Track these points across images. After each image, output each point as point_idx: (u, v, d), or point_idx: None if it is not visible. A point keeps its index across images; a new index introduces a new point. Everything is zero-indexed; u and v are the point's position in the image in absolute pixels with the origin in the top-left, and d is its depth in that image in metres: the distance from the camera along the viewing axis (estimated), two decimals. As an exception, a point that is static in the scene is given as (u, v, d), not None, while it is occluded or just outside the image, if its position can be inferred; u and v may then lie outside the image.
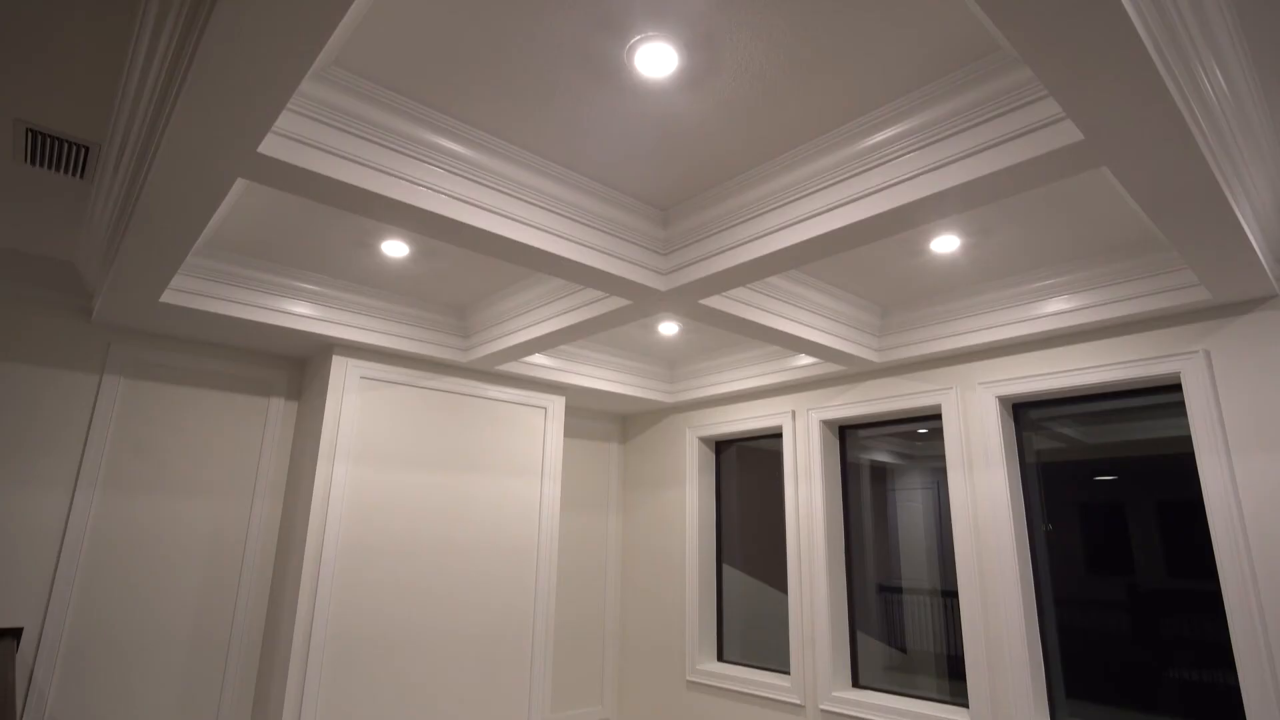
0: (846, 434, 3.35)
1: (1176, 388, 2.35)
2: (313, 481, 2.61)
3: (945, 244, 2.21)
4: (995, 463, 2.61)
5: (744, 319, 2.35)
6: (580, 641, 3.81)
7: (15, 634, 2.24)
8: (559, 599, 3.52)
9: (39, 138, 1.75)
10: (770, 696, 3.12)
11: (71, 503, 2.43)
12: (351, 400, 2.74)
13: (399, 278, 2.58)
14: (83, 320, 2.54)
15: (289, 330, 2.55)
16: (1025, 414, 2.76)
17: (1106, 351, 2.40)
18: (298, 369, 3.01)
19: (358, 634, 2.60)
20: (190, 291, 2.32)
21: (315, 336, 2.63)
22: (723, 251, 1.94)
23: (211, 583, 2.68)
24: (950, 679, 2.86)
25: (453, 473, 2.97)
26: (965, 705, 2.54)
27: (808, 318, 2.56)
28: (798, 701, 3.00)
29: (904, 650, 5.76)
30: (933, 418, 2.96)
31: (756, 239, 1.86)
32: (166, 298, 2.27)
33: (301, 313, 2.55)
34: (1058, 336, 2.50)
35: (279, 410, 2.93)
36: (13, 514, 2.33)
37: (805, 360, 3.15)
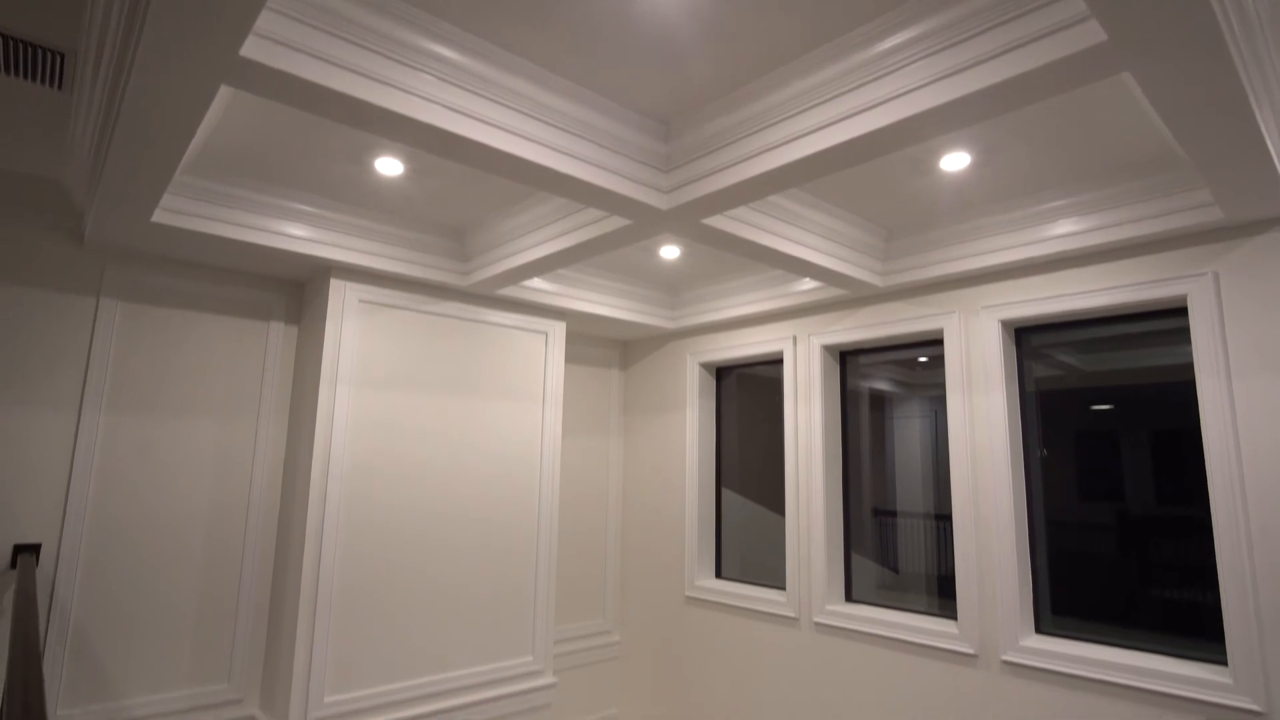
0: (847, 360, 3.36)
1: (1181, 311, 2.33)
2: (316, 405, 2.63)
3: (955, 161, 2.15)
4: (995, 388, 2.62)
5: (747, 240, 2.31)
6: (583, 560, 3.93)
7: (34, 549, 2.30)
8: (561, 519, 3.61)
9: (11, 43, 1.67)
10: (766, 610, 3.24)
11: (78, 424, 2.45)
12: (351, 324, 2.73)
13: (395, 198, 2.53)
14: (75, 243, 2.49)
15: (285, 252, 2.51)
16: (1027, 339, 2.75)
17: (1113, 274, 2.37)
18: (296, 293, 2.98)
19: (367, 551, 2.68)
20: (183, 212, 2.28)
21: (312, 259, 2.59)
22: (727, 167, 1.89)
23: (221, 501, 2.74)
24: (940, 597, 2.96)
25: (455, 397, 2.99)
26: (954, 618, 2.64)
27: (812, 240, 2.52)
28: (792, 615, 3.12)
29: (896, 571, 5.97)
30: (934, 343, 2.95)
31: (762, 153, 1.80)
32: (159, 218, 2.23)
33: (297, 234, 2.50)
34: (1064, 259, 2.47)
35: (279, 334, 2.92)
36: (21, 435, 2.36)
37: (807, 285, 3.12)
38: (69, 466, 2.42)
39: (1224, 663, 2.05)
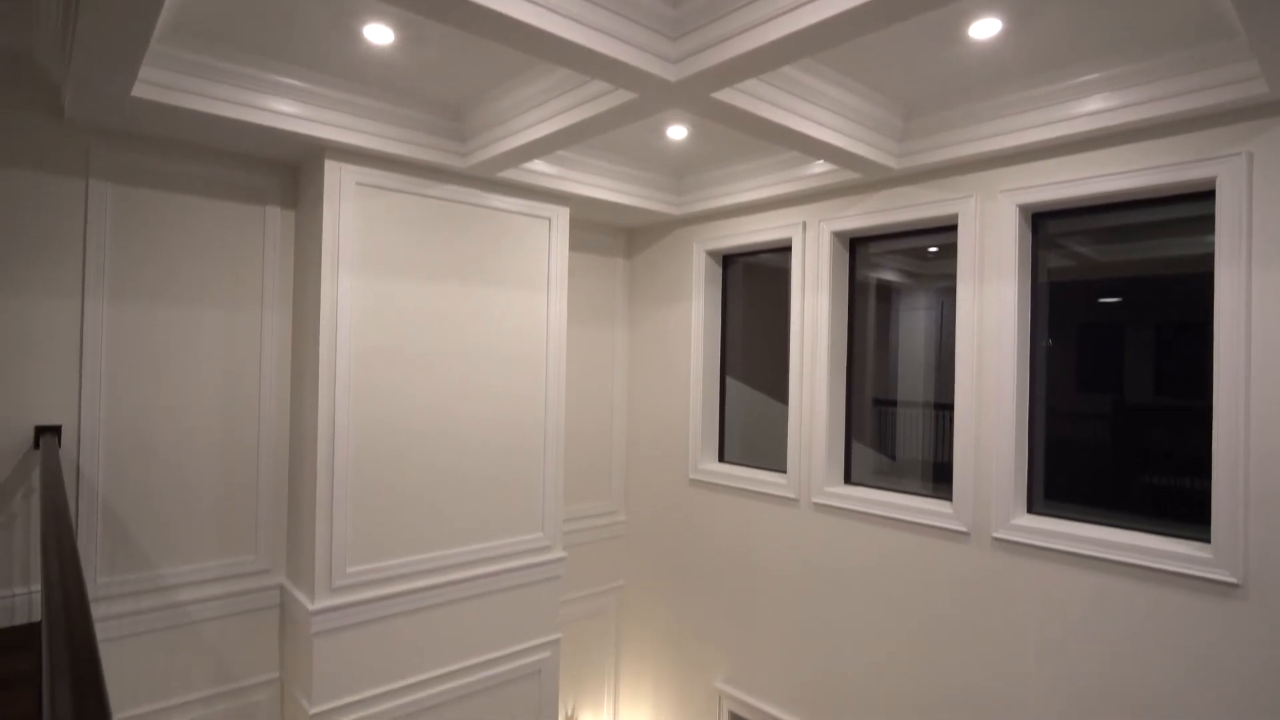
0: (857, 248, 3.29)
1: (1207, 196, 2.24)
2: (319, 292, 2.62)
3: (985, 28, 2.00)
4: (1007, 276, 2.57)
5: (759, 117, 2.19)
6: (590, 444, 4.04)
7: (55, 430, 2.36)
8: (568, 406, 3.67)
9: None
10: (767, 492, 3.36)
11: (82, 310, 2.45)
12: (350, 208, 2.66)
13: (387, 71, 2.39)
14: (55, 120, 2.39)
15: (275, 131, 2.41)
16: (1044, 226, 2.67)
17: (1140, 155, 2.26)
18: (291, 176, 2.89)
19: (378, 434, 2.74)
20: (164, 85, 2.16)
21: (303, 138, 2.49)
22: (740, 33, 1.76)
23: (232, 387, 2.78)
24: (934, 482, 3.05)
25: (459, 284, 2.96)
26: (948, 500, 2.73)
27: (827, 118, 2.40)
28: (792, 496, 3.24)
29: (893, 458, 6.13)
30: (948, 229, 2.87)
31: (779, 16, 1.67)
32: (139, 91, 2.11)
33: (286, 110, 2.39)
34: (1090, 140, 2.35)
35: (276, 220, 2.86)
36: (26, 320, 2.36)
37: (819, 169, 3.00)
38: (78, 352, 2.44)
39: (1207, 540, 2.13)
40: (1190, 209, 2.40)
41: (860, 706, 2.99)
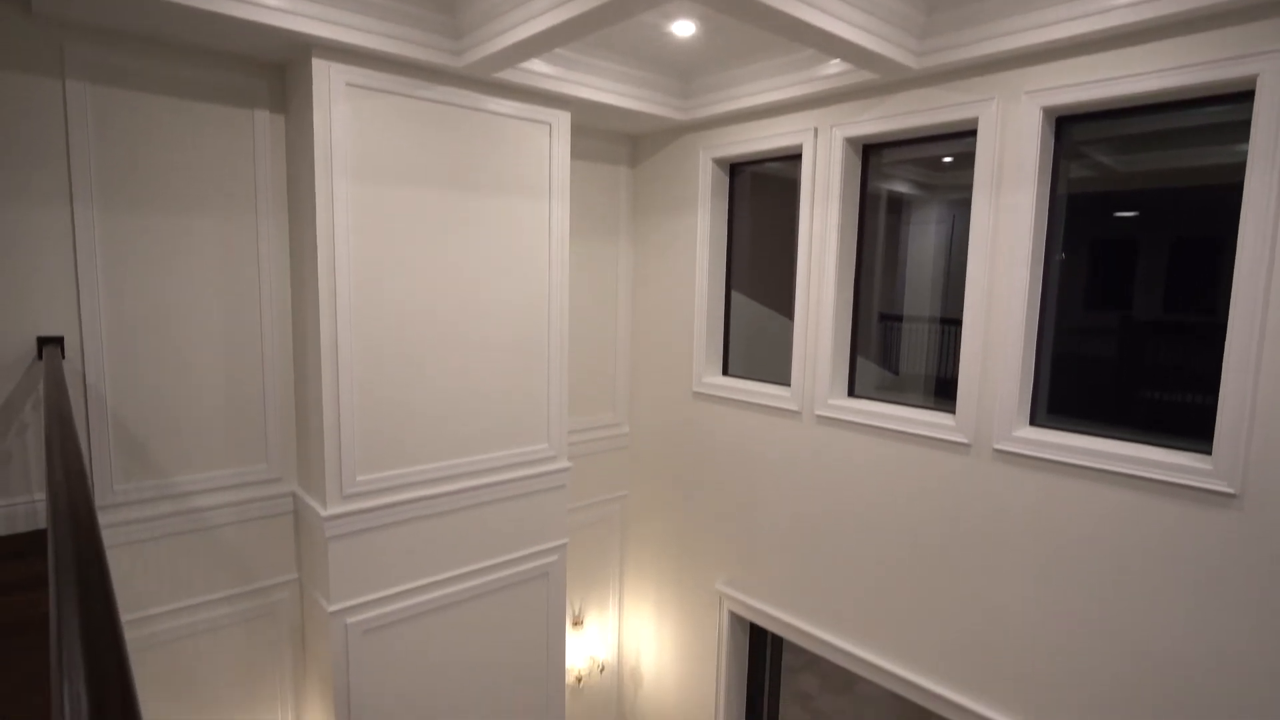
0: (870, 156, 3.16)
1: (1244, 98, 2.11)
2: (314, 200, 2.54)
3: (1023, -94, 1.83)
4: (1025, 186, 2.48)
5: (772, 8, 2.05)
6: (594, 358, 4.04)
7: (57, 341, 2.36)
8: (572, 319, 3.65)
9: None
10: (770, 405, 3.38)
11: (73, 219, 2.39)
12: (341, 111, 2.54)
13: (372, -42, 2.23)
14: (22, 13, 2.25)
15: (257, 25, 2.27)
16: (1068, 132, 2.55)
17: (1175, 52, 2.13)
18: (278, 77, 2.75)
19: (381, 345, 2.74)
20: (135, -26, 2.02)
21: (288, 33, 2.35)
22: (754, -90, 1.61)
23: (232, 295, 2.76)
24: (936, 397, 3.05)
25: (459, 192, 2.87)
26: (951, 412, 2.74)
27: (844, 10, 2.24)
28: (795, 408, 3.26)
29: (896, 373, 6.15)
30: (966, 134, 2.75)
31: (797, -112, 1.52)
32: (108, -20, 1.98)
33: (269, 3, 2.25)
34: (1123, 35, 2.20)
35: (265, 124, 2.75)
36: (15, 230, 2.31)
37: (833, 69, 2.84)
38: (73, 262, 2.40)
39: (1208, 453, 2.14)
40: (1224, 113, 2.28)
41: (858, 611, 3.11)
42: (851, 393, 3.21)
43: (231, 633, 2.89)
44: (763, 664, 3.95)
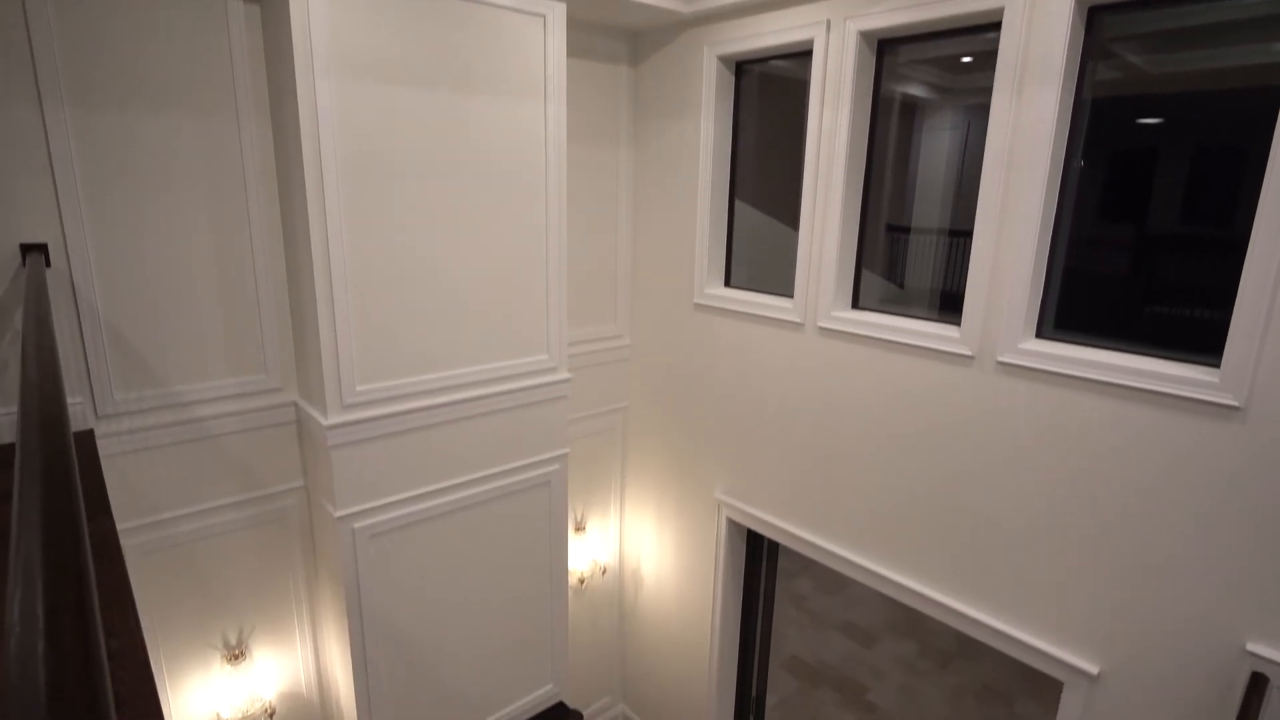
0: (884, 54, 2.97)
1: (1299, -19, 1.94)
2: (296, 100, 2.40)
3: None
4: (1050, 84, 2.33)
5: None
6: (594, 268, 3.97)
7: (41, 249, 2.29)
8: (571, 228, 3.54)
9: None
10: (772, 316, 3.34)
11: (44, 119, 2.27)
12: (318, 0, 2.37)
13: None
14: (-34, -117, 2.05)
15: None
16: (1100, 23, 2.37)
17: (1230, -68, 1.94)
18: (250, -39, 2.55)
19: (374, 254, 2.66)
20: None
21: (257, -91, 2.15)
22: None
23: (218, 200, 2.67)
24: (940, 311, 3.00)
25: (447, 92, 2.72)
26: (956, 325, 2.69)
27: (866, -118, 2.04)
28: (798, 320, 3.22)
29: (902, 286, 6.07)
30: (990, 27, 2.57)
31: None
32: None
33: (232, -128, 2.05)
34: (1176, -90, 2.01)
35: (239, 17, 2.57)
36: (-13, 129, 2.20)
37: (852, -47, 2.62)
38: (48, 164, 2.30)
39: (1216, 366, 2.11)
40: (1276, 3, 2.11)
41: (853, 519, 3.18)
42: (855, 305, 3.15)
43: (242, 536, 2.98)
44: (759, 567, 4.10)
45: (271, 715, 3.17)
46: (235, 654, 3.03)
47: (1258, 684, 2.10)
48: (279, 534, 3.08)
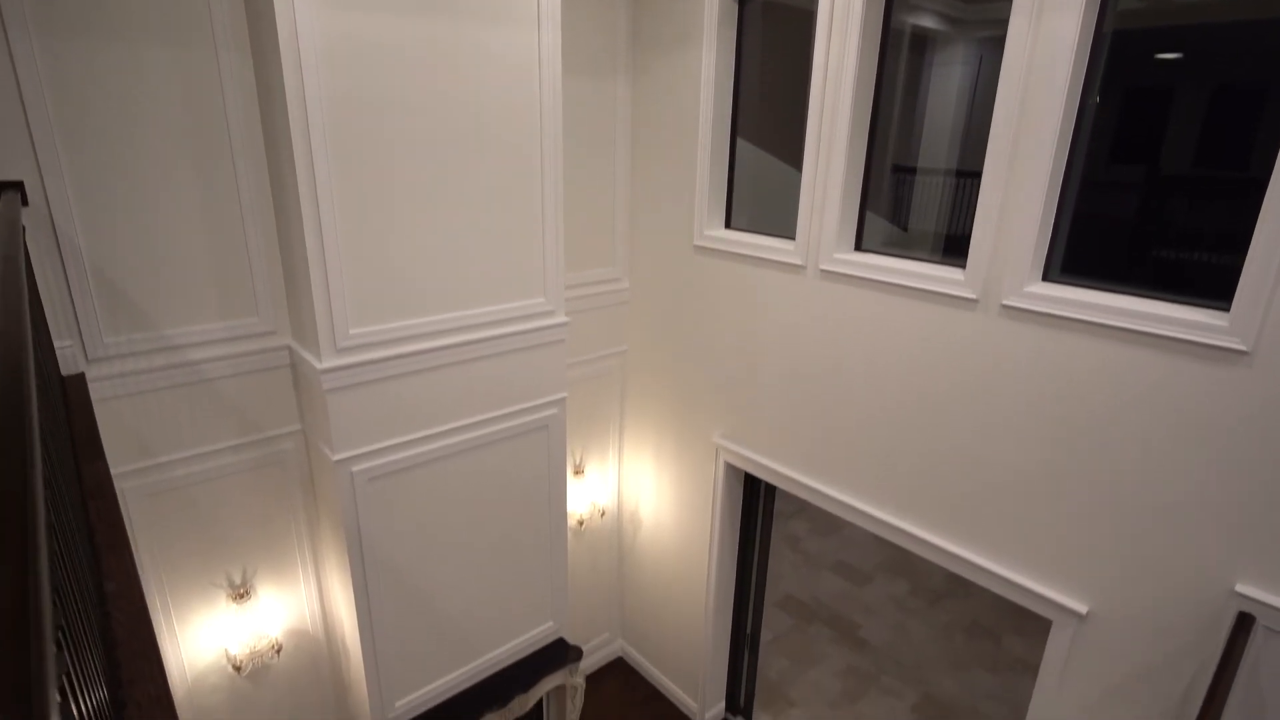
0: (897, -20, 2.81)
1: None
2: (275, 27, 2.28)
3: None
4: (1071, 8, 2.20)
5: None
6: (591, 209, 3.88)
7: (16, 186, 2.21)
8: (568, 167, 3.43)
9: None
10: (773, 259, 3.27)
11: (9, 45, 2.16)
12: (296, -84, 2.22)
13: None
14: None
15: None
16: (1126, -55, 2.23)
17: None
18: (221, -126, 2.38)
19: (364, 197, 2.58)
20: None
21: None
22: None
23: (200, 140, 2.58)
24: (944, 254, 2.92)
25: (436, 17, 2.58)
26: (961, 268, 2.64)
27: None
28: (799, 263, 3.15)
29: (905, 229, 5.95)
30: (1010, -50, 2.41)
31: None
32: None
33: None
34: None
35: (214, -66, 2.42)
36: (-49, 58, 2.09)
37: None
38: (18, 97, 2.20)
39: (1225, 310, 2.07)
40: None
41: (850, 462, 3.19)
42: (858, 247, 3.08)
43: (242, 479, 2.99)
44: (755, 510, 4.15)
45: (278, 652, 3.25)
46: (240, 593, 3.08)
47: (1244, 623, 2.13)
48: (278, 477, 3.09)
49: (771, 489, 4.08)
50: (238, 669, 3.11)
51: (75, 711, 0.77)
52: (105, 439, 2.46)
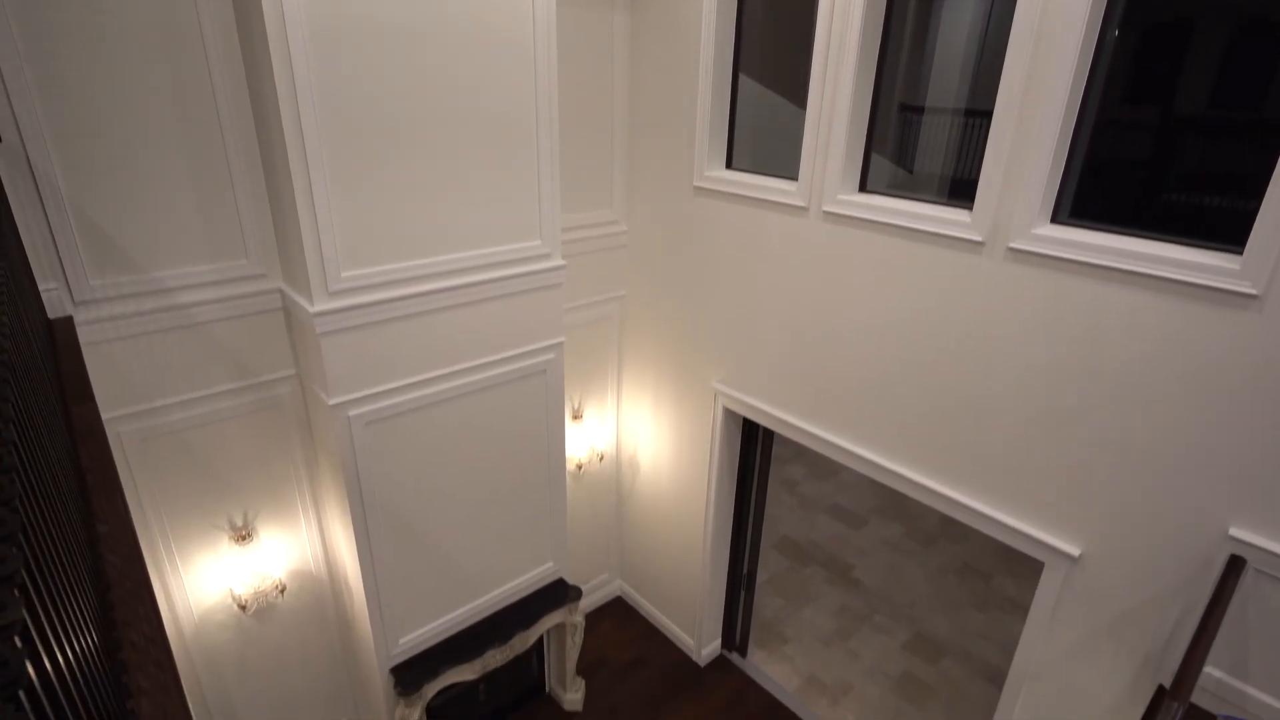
0: (911, -99, 2.64)
1: None
2: (253, -52, 2.15)
3: None
4: (1094, -69, 2.08)
5: None
6: (589, 150, 3.76)
7: (-11, 124, 2.13)
8: (564, 105, 3.31)
9: None
10: (775, 200, 3.18)
11: (-29, -31, 2.04)
12: None
13: None
14: None
15: None
16: None
17: None
18: None
19: (350, 130, 2.49)
20: None
21: None
22: None
23: (179, 75, 2.47)
24: (949, 197, 2.84)
25: (423, -58, 2.44)
26: (968, 210, 2.56)
27: None
28: (802, 204, 3.07)
29: (910, 171, 5.80)
30: None
31: None
32: None
33: None
34: None
35: None
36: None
37: None
38: (-18, 23, 2.10)
39: (1238, 253, 2.01)
40: None
41: (849, 407, 3.18)
42: (863, 188, 3.00)
43: (239, 423, 2.98)
44: (753, 454, 4.17)
45: (282, 591, 3.31)
46: (241, 535, 3.12)
47: (1235, 565, 2.15)
48: (275, 420, 3.08)
49: (769, 433, 4.10)
50: (243, 608, 3.18)
51: (67, 653, 0.76)
52: (97, 382, 2.44)
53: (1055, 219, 2.42)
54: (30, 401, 1.02)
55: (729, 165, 3.55)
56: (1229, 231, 2.04)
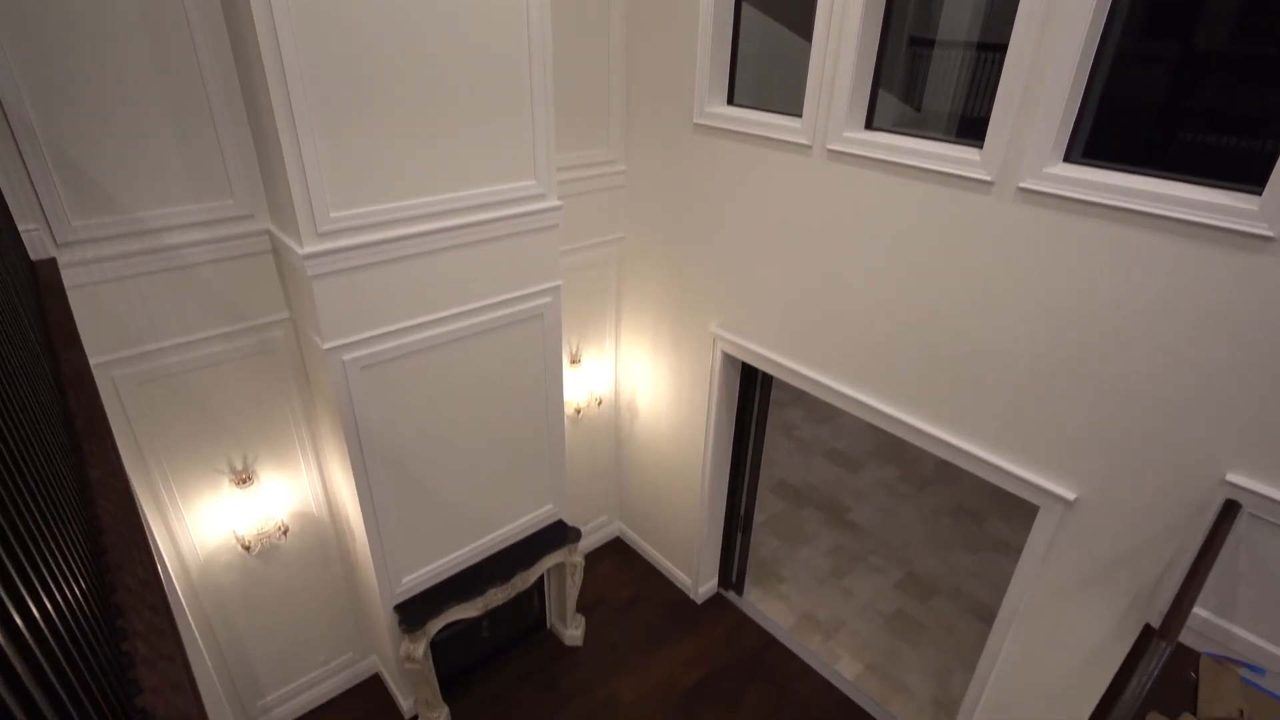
0: None
1: None
2: None
3: None
4: None
5: None
6: (584, 84, 3.62)
7: (-48, 51, 2.03)
8: (555, 35, 3.15)
9: None
10: (778, 138, 3.07)
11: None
12: None
13: None
14: None
15: None
16: None
17: None
18: None
19: (331, 59, 2.37)
20: None
21: None
22: None
23: (153, 8, 2.34)
24: (958, 136, 2.74)
25: None
26: (979, 147, 2.47)
27: None
28: (805, 142, 2.97)
29: (918, 109, 5.62)
30: None
31: None
32: None
33: None
34: None
35: None
36: None
37: None
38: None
39: (1257, 194, 1.94)
40: None
41: (850, 352, 3.15)
42: (869, 125, 2.89)
43: (234, 367, 2.96)
44: (751, 398, 4.17)
45: (285, 533, 3.35)
46: (242, 478, 3.14)
47: (1230, 510, 2.16)
48: (271, 364, 3.06)
49: (768, 378, 4.08)
50: (247, 549, 3.22)
51: (57, 598, 0.75)
52: (86, 326, 2.41)
53: (1068, 158, 2.34)
54: (5, 342, 0.99)
55: (730, 101, 3.42)
56: (1247, 173, 1.96)
